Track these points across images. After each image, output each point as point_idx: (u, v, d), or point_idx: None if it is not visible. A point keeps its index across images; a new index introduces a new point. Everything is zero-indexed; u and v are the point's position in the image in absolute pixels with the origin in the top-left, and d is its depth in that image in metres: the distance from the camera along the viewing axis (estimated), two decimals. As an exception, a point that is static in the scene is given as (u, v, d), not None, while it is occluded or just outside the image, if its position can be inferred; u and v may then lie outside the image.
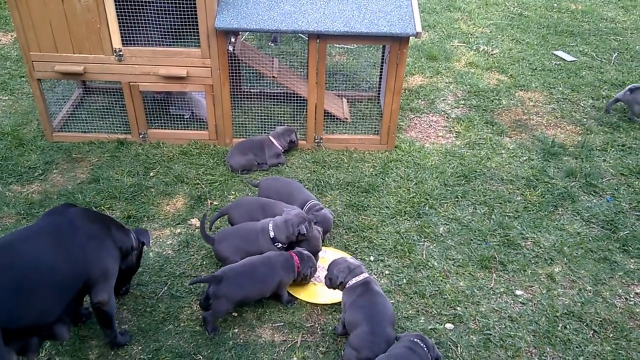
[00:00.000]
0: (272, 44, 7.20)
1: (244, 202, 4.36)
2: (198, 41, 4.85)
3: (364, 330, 3.35)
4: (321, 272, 4.10)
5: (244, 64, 5.44)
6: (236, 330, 3.69)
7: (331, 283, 3.68)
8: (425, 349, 3.21)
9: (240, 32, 5.41)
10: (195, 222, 4.52)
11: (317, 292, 3.97)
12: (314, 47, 4.84)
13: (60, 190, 4.80)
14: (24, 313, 2.87)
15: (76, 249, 3.14)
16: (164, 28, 5.00)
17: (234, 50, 5.01)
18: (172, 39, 5.07)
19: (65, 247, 3.10)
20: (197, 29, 4.76)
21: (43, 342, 3.12)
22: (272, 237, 3.97)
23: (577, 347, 3.64)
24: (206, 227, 4.18)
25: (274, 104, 5.84)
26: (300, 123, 5.63)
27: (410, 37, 4.79)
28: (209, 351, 3.54)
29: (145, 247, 3.76)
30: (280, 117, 5.68)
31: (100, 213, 3.54)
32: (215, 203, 4.72)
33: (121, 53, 4.88)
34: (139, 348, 3.55)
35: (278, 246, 3.99)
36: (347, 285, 3.58)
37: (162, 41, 5.03)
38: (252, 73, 6.13)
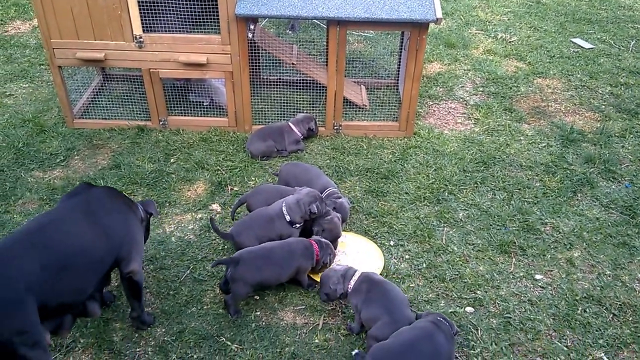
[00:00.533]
0: (290, 32, 7.22)
1: (263, 190, 4.39)
2: (218, 28, 4.88)
3: (385, 321, 3.38)
4: (341, 257, 4.15)
5: (263, 51, 5.46)
6: (258, 313, 3.73)
7: (329, 297, 3.65)
8: (448, 325, 3.27)
9: (259, 19, 5.43)
10: (217, 207, 4.57)
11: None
12: (334, 34, 4.85)
13: (82, 176, 4.86)
14: (62, 291, 2.95)
15: (109, 225, 3.23)
16: (184, 14, 5.02)
17: (253, 37, 5.04)
18: (192, 25, 5.09)
19: (99, 224, 3.18)
20: (217, 15, 4.79)
21: (76, 319, 3.20)
22: (288, 220, 4.01)
23: (596, 330, 3.65)
24: (220, 223, 4.21)
25: (292, 91, 5.86)
26: (319, 110, 5.66)
27: (430, 23, 4.79)
28: (232, 333, 3.59)
29: (152, 217, 3.81)
30: (299, 104, 5.70)
31: (117, 190, 3.64)
32: (235, 189, 4.76)
33: (142, 40, 4.92)
34: (163, 330, 3.61)
35: (296, 227, 4.03)
36: (350, 290, 3.60)
37: (182, 28, 5.06)
38: (271, 60, 6.16)
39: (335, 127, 5.41)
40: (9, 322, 2.69)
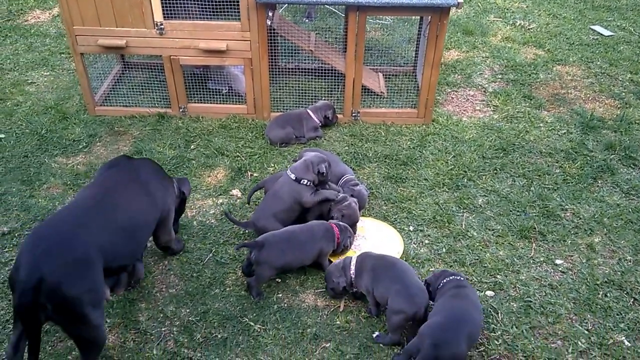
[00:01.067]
0: (307, 20, 7.23)
1: (280, 176, 4.43)
2: (238, 14, 4.91)
3: (399, 290, 3.41)
4: (361, 241, 4.18)
5: (280, 38, 5.48)
6: (280, 295, 3.77)
7: (335, 292, 3.68)
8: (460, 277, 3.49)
9: (277, 7, 5.45)
10: (237, 192, 4.61)
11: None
12: (353, 20, 4.86)
13: (105, 161, 4.90)
14: (123, 253, 3.21)
15: (156, 194, 3.52)
16: (204, 1, 5.04)
17: (271, 24, 5.06)
18: (212, 12, 5.12)
19: (150, 192, 3.47)
20: (237, 1, 4.81)
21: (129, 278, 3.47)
22: (294, 178, 4.06)
23: (617, 314, 3.65)
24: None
25: (309, 79, 5.89)
26: (336, 97, 5.68)
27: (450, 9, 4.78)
28: (255, 314, 3.64)
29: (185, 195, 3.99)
30: (316, 91, 5.72)
31: (156, 162, 3.87)
32: (255, 175, 4.80)
33: (162, 27, 4.96)
34: (187, 310, 3.66)
35: (305, 183, 4.05)
36: (353, 276, 3.63)
37: (202, 14, 5.08)
38: (288, 49, 6.18)
39: (353, 114, 5.42)
40: (82, 281, 2.87)
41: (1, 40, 7.03)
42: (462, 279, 3.47)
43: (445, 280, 3.45)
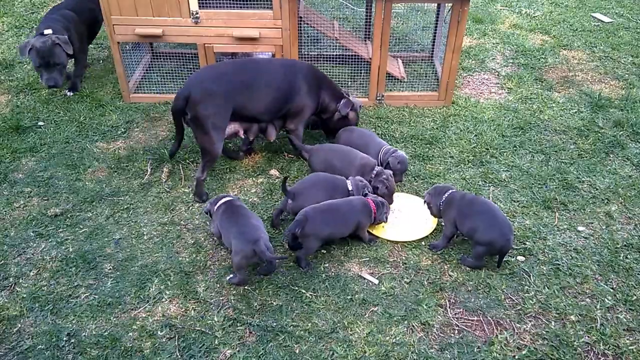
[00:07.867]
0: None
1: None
2: (269, 3, 5.15)
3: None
4: (396, 214, 4.45)
5: (306, 25, 5.73)
6: (327, 265, 4.03)
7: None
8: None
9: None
10: (275, 172, 4.86)
11: (397, 232, 4.32)
12: (380, 7, 5.12)
13: (145, 146, 5.15)
14: (247, 105, 4.52)
15: (295, 84, 4.73)
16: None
17: (298, 13, 5.30)
18: (243, 1, 5.34)
19: (287, 79, 4.70)
20: (270, -9, 5.07)
21: (258, 134, 4.87)
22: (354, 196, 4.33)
23: (638, 274, 3.96)
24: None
25: (332, 66, 6.15)
26: (359, 83, 5.94)
27: (470, -4, 5.06)
28: (305, 283, 3.89)
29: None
30: (340, 77, 5.98)
31: None
32: (290, 156, 5.06)
33: (198, 15, 5.18)
34: (243, 280, 3.91)
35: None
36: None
37: (235, 4, 5.31)
38: (309, 37, 6.42)
39: (378, 98, 5.69)
40: (211, 106, 4.33)
41: (27, 32, 7.20)
42: (455, 189, 4.19)
43: (446, 195, 4.12)
